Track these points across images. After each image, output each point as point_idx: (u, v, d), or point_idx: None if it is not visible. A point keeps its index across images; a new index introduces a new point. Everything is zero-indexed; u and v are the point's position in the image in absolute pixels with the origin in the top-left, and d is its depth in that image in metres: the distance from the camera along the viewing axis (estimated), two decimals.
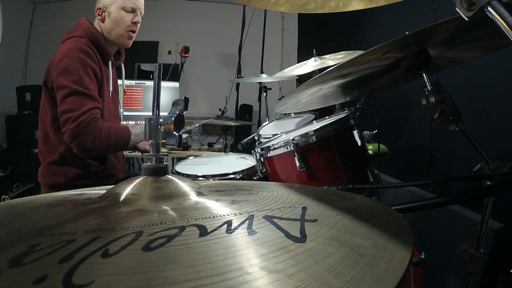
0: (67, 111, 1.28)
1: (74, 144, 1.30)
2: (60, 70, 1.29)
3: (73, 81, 1.28)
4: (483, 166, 0.87)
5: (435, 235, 1.49)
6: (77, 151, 1.31)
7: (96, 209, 0.41)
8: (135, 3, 1.45)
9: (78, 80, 1.29)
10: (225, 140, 2.88)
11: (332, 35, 3.33)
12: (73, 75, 1.29)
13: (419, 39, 0.70)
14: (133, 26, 1.46)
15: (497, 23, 0.37)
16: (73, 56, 1.31)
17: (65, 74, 1.29)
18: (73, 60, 1.30)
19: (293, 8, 0.58)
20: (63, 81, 1.29)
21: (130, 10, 1.45)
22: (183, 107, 0.48)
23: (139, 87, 2.90)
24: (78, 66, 1.30)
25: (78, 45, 1.34)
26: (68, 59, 1.30)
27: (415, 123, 2.10)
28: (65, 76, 1.29)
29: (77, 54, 1.32)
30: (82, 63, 1.32)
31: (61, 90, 1.29)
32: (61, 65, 1.30)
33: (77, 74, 1.29)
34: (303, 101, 1.07)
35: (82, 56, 1.32)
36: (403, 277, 0.26)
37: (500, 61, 1.40)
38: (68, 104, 1.28)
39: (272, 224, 0.34)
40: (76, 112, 1.27)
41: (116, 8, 1.42)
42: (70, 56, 1.31)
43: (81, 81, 1.30)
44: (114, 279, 0.24)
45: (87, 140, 1.28)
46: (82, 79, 1.30)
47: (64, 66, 1.30)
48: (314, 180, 1.04)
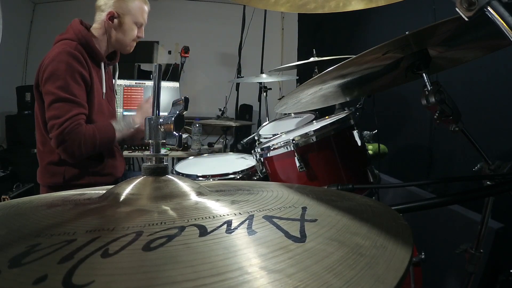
0: (52, 118, 1.30)
1: (60, 151, 1.32)
2: (48, 75, 1.30)
3: (59, 87, 1.29)
4: (483, 166, 0.87)
5: (435, 235, 1.49)
6: (64, 157, 1.34)
7: (96, 209, 0.41)
8: (145, 19, 1.54)
9: (64, 86, 1.30)
10: (225, 140, 2.89)
11: (332, 35, 3.33)
12: (60, 80, 1.29)
13: (419, 39, 0.70)
14: (137, 39, 1.54)
15: (497, 23, 0.37)
16: (61, 61, 1.31)
17: (52, 79, 1.30)
18: (61, 65, 1.30)
19: (293, 8, 0.58)
20: (49, 87, 1.30)
21: (139, 26, 1.52)
22: (183, 107, 0.49)
23: (139, 87, 2.90)
24: (65, 71, 1.30)
25: (66, 49, 1.33)
26: (56, 64, 1.30)
27: (415, 123, 2.10)
28: (52, 81, 1.30)
29: (65, 59, 1.31)
30: (70, 68, 1.32)
31: (48, 96, 1.31)
32: (49, 70, 1.30)
33: (63, 79, 1.30)
34: (303, 101, 1.07)
35: (70, 61, 1.32)
36: (403, 277, 0.26)
37: (500, 61, 1.40)
38: (54, 111, 1.30)
39: (272, 224, 0.34)
40: (60, 118, 1.28)
41: (129, 20, 1.48)
42: (58, 61, 1.31)
43: (67, 87, 1.30)
44: (114, 279, 0.25)
45: (73, 147, 1.30)
46: (69, 85, 1.30)
47: (51, 71, 1.30)
48: (314, 180, 1.04)
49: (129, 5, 1.47)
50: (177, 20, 4.45)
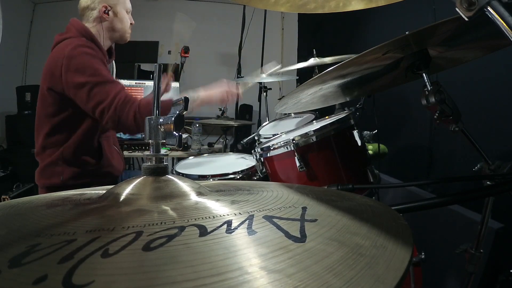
0: (97, 104, 1.29)
1: (122, 128, 1.36)
2: (73, 70, 1.30)
3: (90, 75, 1.30)
4: (483, 166, 0.87)
5: (435, 235, 1.49)
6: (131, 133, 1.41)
7: (96, 209, 0.41)
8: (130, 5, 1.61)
9: (95, 73, 1.31)
10: (225, 140, 2.89)
11: (332, 35, 3.33)
12: (88, 69, 1.31)
13: (419, 39, 0.70)
14: (131, 26, 1.60)
15: (497, 23, 0.37)
16: (81, 53, 1.32)
17: (80, 71, 1.30)
18: (82, 57, 1.32)
19: (293, 8, 0.58)
20: (81, 79, 1.29)
21: (129, 12, 1.58)
22: (183, 107, 0.48)
23: (139, 87, 2.90)
24: (89, 60, 1.32)
25: (80, 43, 1.35)
26: (78, 58, 1.31)
27: (415, 123, 2.10)
28: (81, 73, 1.30)
29: (84, 50, 1.33)
30: (91, 56, 1.34)
31: (83, 88, 1.30)
32: (72, 66, 1.30)
33: (91, 67, 1.31)
34: (303, 101, 1.07)
35: (89, 51, 1.35)
36: (403, 277, 0.26)
37: (500, 61, 1.40)
38: (96, 98, 1.29)
39: (272, 224, 0.34)
40: (105, 101, 1.28)
41: (121, 9, 1.53)
42: (78, 55, 1.31)
43: (98, 72, 1.32)
44: (114, 279, 0.25)
45: (128, 120, 1.29)
46: (98, 70, 1.32)
47: (76, 66, 1.30)
48: (314, 180, 1.04)
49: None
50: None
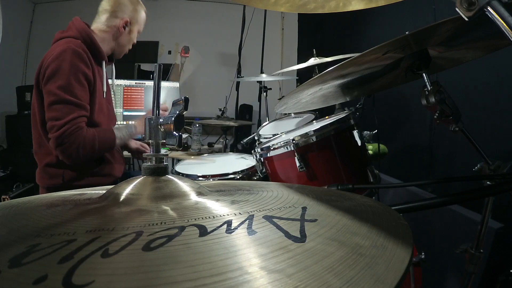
0: (52, 119, 1.28)
1: (59, 152, 1.30)
2: (50, 73, 1.27)
3: (60, 87, 1.26)
4: (483, 166, 0.87)
5: (435, 235, 1.49)
6: (62, 158, 1.32)
7: (96, 209, 0.41)
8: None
9: (66, 87, 1.27)
10: (225, 140, 2.89)
11: (332, 35, 3.33)
12: (62, 80, 1.27)
13: (419, 39, 0.70)
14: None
15: (497, 23, 0.37)
16: (65, 60, 1.28)
17: (54, 78, 1.27)
18: (64, 64, 1.28)
19: (293, 8, 0.58)
20: (51, 87, 1.27)
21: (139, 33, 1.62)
22: (183, 107, 0.48)
23: (139, 87, 2.90)
24: (69, 71, 1.28)
25: (71, 47, 1.31)
26: (59, 62, 1.28)
27: (415, 123, 2.10)
28: (54, 81, 1.27)
29: (69, 58, 1.29)
30: (74, 68, 1.29)
31: (49, 96, 1.28)
32: (51, 68, 1.27)
33: (66, 79, 1.27)
34: (303, 101, 1.07)
35: (75, 60, 1.30)
36: (403, 277, 0.26)
37: (500, 61, 1.40)
38: (54, 112, 1.27)
39: (272, 224, 0.34)
40: (60, 120, 1.26)
41: (136, 29, 1.57)
42: (62, 60, 1.28)
43: (70, 88, 1.28)
44: (114, 279, 0.24)
45: (71, 150, 1.28)
46: (71, 86, 1.28)
47: (53, 70, 1.27)
48: (314, 180, 1.04)
49: (139, 16, 1.56)
50: (177, 20, 4.45)
